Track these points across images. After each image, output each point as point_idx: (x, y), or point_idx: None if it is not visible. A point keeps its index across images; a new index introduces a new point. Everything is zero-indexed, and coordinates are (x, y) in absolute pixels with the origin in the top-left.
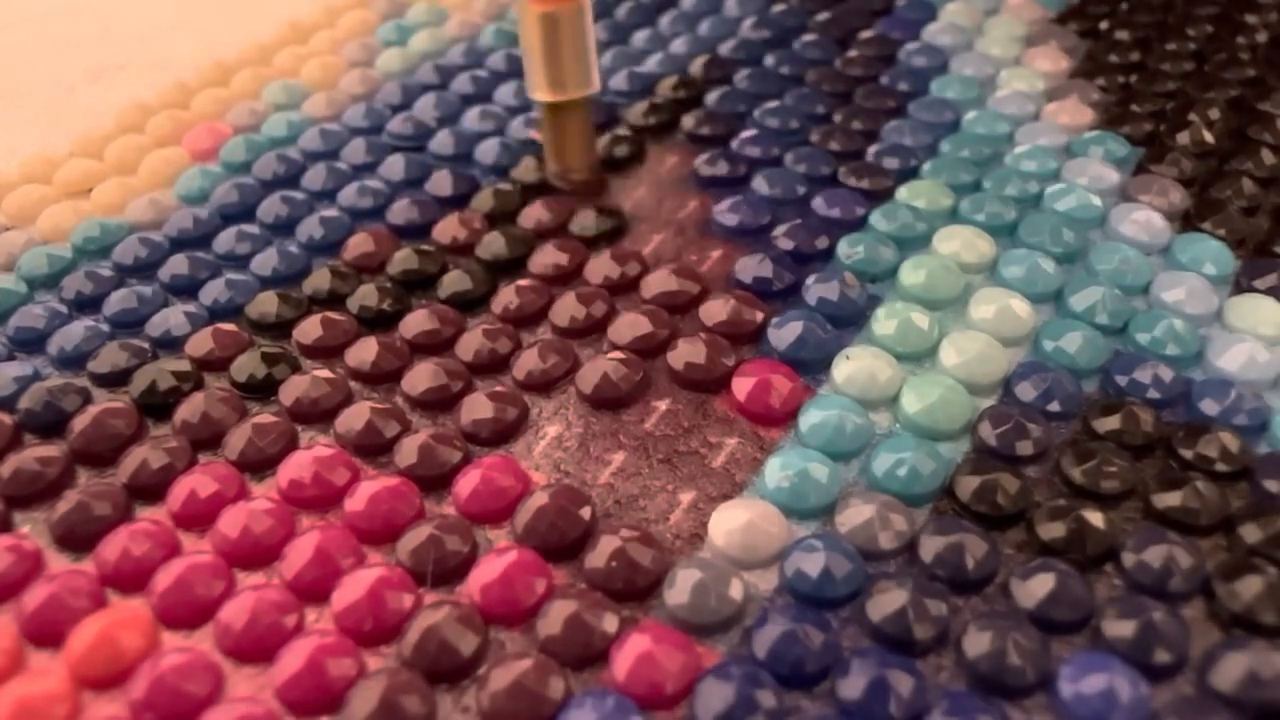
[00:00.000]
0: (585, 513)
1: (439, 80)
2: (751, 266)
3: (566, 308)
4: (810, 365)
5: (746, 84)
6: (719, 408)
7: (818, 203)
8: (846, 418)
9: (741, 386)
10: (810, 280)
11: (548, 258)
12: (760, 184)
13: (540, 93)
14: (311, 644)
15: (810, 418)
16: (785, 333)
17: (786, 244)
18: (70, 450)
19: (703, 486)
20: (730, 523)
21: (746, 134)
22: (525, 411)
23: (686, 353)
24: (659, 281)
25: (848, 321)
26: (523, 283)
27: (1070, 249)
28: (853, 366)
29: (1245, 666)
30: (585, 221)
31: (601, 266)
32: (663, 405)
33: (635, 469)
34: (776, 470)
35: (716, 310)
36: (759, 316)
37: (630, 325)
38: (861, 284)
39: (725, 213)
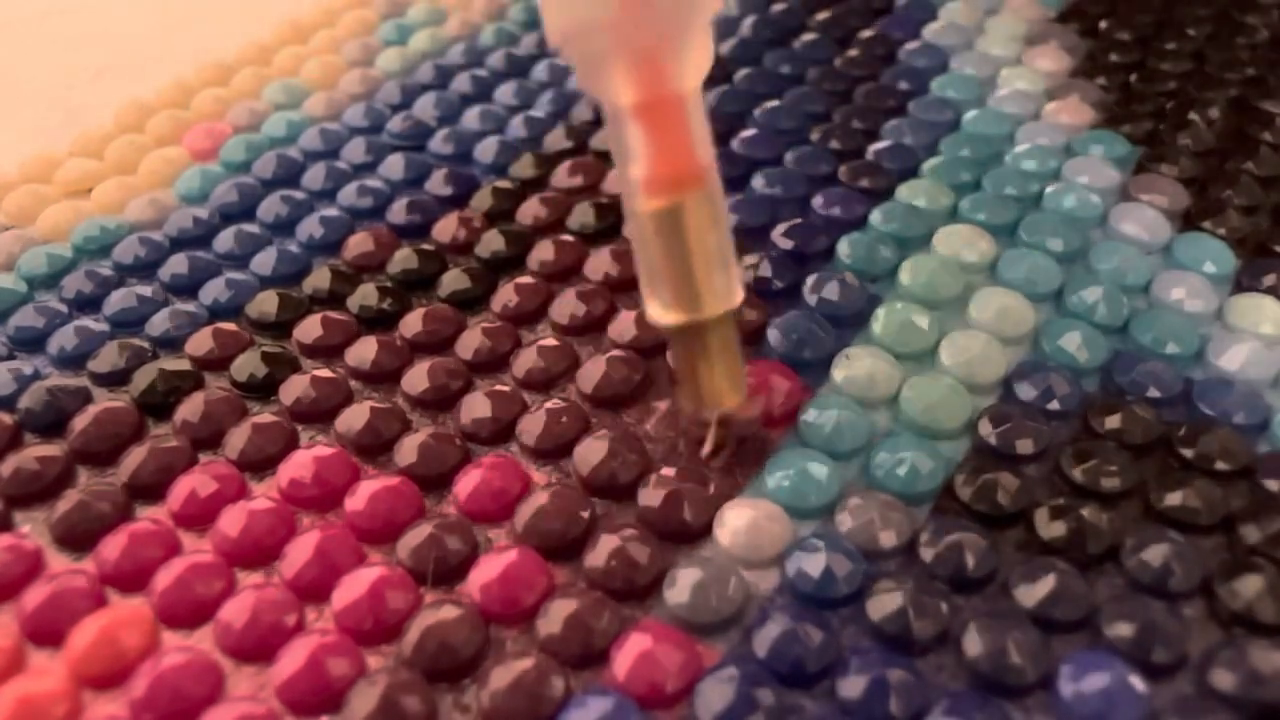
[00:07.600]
0: (585, 512)
1: (439, 80)
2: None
3: (567, 305)
4: (810, 365)
5: (746, 83)
6: None
7: (818, 202)
8: (846, 418)
9: None
10: (810, 280)
11: (545, 254)
12: (760, 183)
13: (665, 313)
14: (311, 643)
15: (810, 417)
16: (785, 333)
17: (786, 244)
18: (70, 450)
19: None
20: (735, 521)
21: (746, 133)
22: (525, 410)
23: None
24: None
25: (848, 321)
26: (521, 280)
27: (1070, 248)
28: (853, 366)
29: (1245, 666)
30: (584, 217)
31: (601, 264)
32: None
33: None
34: (777, 470)
35: None
36: (758, 316)
37: (630, 323)
38: (861, 283)
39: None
